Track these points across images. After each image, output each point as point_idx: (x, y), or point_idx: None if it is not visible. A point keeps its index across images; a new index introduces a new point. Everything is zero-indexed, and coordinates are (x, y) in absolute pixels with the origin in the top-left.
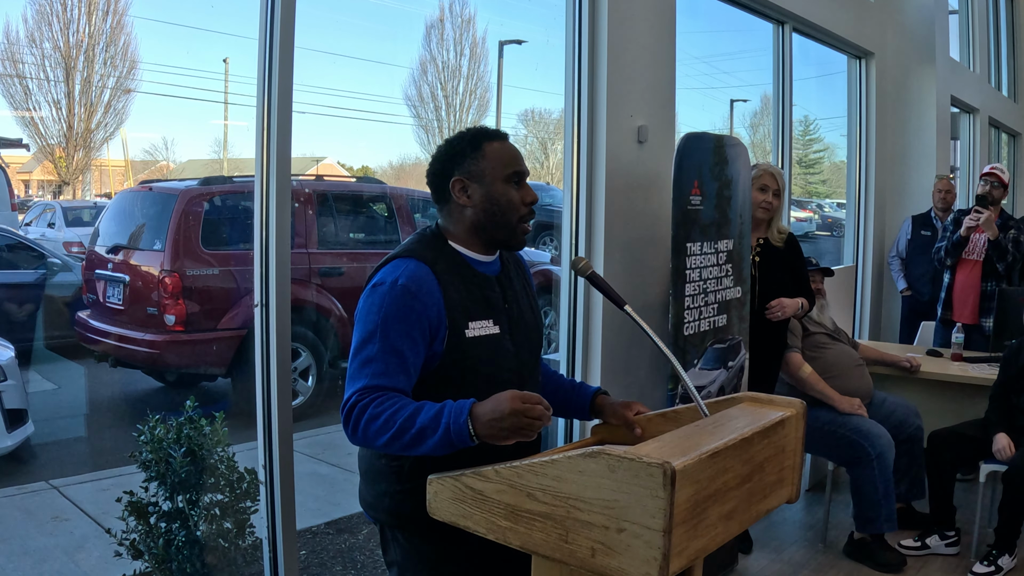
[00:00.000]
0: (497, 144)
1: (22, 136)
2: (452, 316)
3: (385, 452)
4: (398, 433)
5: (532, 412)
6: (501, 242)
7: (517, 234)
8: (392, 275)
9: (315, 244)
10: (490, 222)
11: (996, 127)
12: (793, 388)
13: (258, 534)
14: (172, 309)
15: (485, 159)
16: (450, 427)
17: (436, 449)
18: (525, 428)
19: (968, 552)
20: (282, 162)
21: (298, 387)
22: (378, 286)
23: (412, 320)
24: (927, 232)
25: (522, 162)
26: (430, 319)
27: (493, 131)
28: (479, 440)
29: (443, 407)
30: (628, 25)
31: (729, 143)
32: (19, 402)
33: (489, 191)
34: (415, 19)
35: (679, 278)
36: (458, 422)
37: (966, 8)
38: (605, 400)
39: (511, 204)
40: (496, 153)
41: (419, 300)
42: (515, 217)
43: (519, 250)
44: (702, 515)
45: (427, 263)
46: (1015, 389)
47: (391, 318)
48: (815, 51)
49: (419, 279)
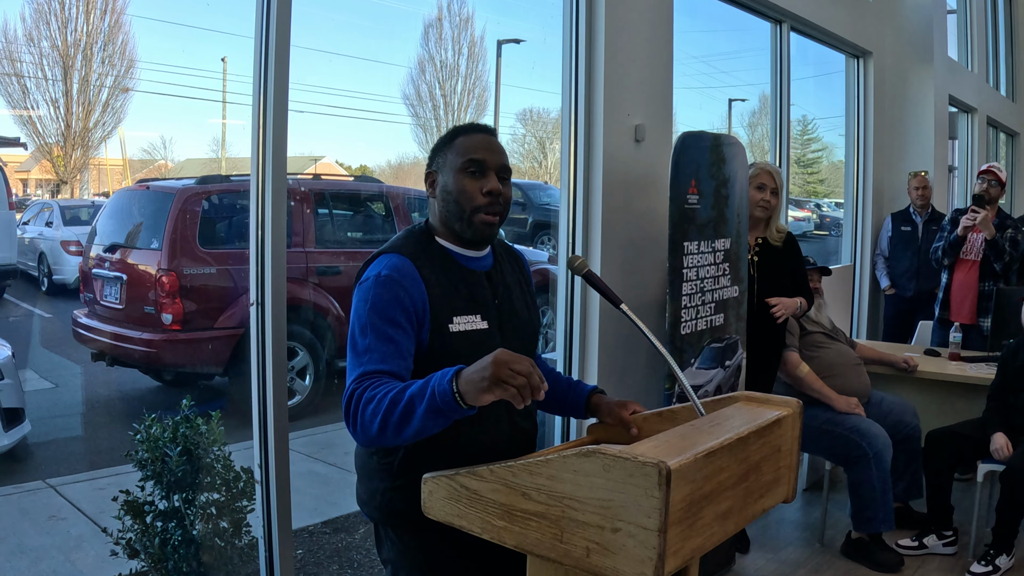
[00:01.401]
0: (466, 136)
1: (20, 135)
2: (435, 309)
3: (380, 441)
4: (389, 408)
5: (516, 365)
6: (461, 234)
7: (473, 226)
8: (375, 269)
9: (313, 243)
10: (448, 214)
11: (994, 127)
12: (791, 387)
13: (254, 533)
14: (169, 308)
15: (451, 151)
16: (435, 390)
17: (425, 421)
18: (507, 380)
19: (965, 552)
20: (278, 161)
21: (295, 386)
22: (364, 282)
23: (399, 307)
24: (907, 228)
25: (486, 152)
26: (416, 307)
27: (475, 125)
28: (462, 398)
29: (432, 375)
30: (626, 24)
31: (727, 142)
32: (16, 401)
33: (446, 181)
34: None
35: (676, 277)
36: (442, 383)
37: (964, 7)
38: (601, 399)
39: (463, 193)
40: (460, 144)
41: (403, 287)
42: (469, 207)
43: (483, 245)
44: (698, 515)
45: (409, 257)
46: (1013, 389)
47: (378, 308)
48: (813, 50)
49: (401, 270)
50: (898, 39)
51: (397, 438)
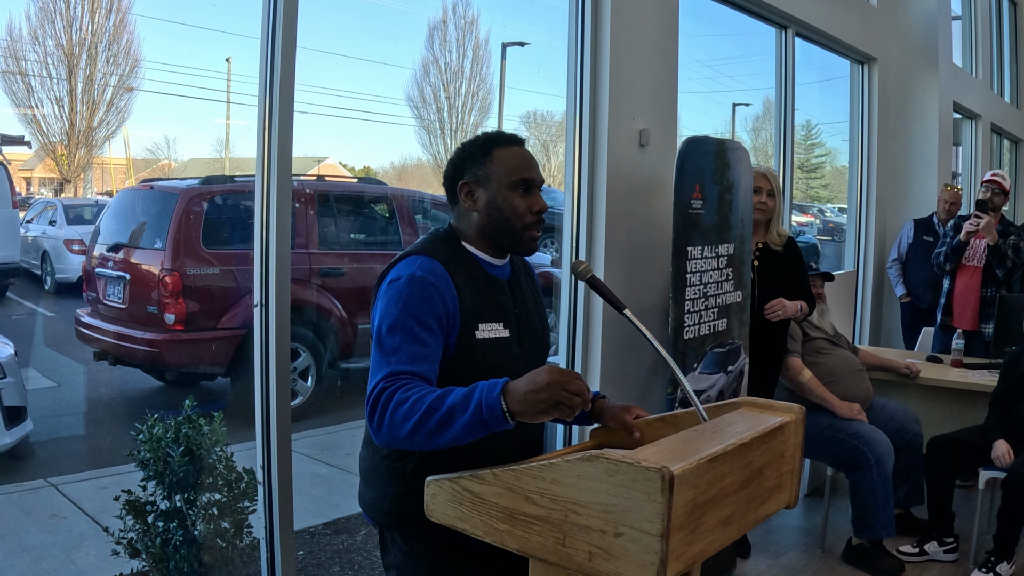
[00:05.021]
0: (507, 150)
1: (24, 133)
2: (464, 315)
3: (407, 444)
4: (425, 415)
5: (572, 386)
6: (508, 248)
7: (523, 242)
8: (408, 270)
9: (316, 244)
10: (494, 228)
11: (998, 133)
12: (793, 393)
13: (256, 534)
14: (172, 308)
15: (493, 164)
16: (482, 403)
17: (465, 431)
18: (564, 403)
19: (966, 559)
20: (283, 162)
21: (297, 387)
22: (395, 282)
23: (430, 310)
24: (929, 238)
25: (532, 170)
26: (447, 310)
27: (509, 136)
28: (513, 417)
29: (475, 386)
30: (630, 28)
31: (731, 147)
32: (18, 399)
33: (494, 197)
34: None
35: (679, 282)
36: (491, 397)
37: (969, 14)
38: (604, 404)
39: (515, 212)
40: (504, 159)
41: (436, 289)
42: (519, 225)
43: (528, 256)
44: (700, 520)
45: (440, 261)
46: (1015, 396)
47: (410, 308)
48: (818, 56)
49: (434, 272)
50: (903, 45)
51: (427, 444)
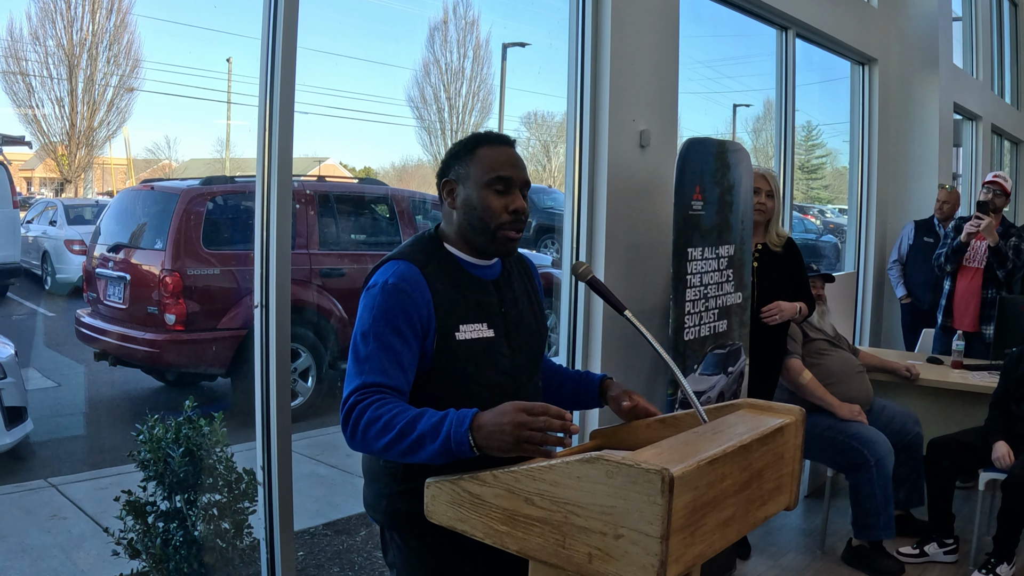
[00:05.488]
0: (491, 148)
1: (24, 133)
2: (441, 318)
3: (383, 457)
4: (397, 437)
5: (534, 424)
6: (482, 248)
7: (497, 242)
8: (383, 277)
9: (316, 245)
10: (469, 227)
11: (999, 134)
12: (793, 394)
13: (256, 535)
14: (172, 308)
15: (474, 162)
16: (451, 436)
17: (434, 458)
18: (528, 442)
19: (966, 560)
20: (283, 162)
21: (298, 388)
22: (371, 288)
23: (403, 318)
24: (930, 239)
25: (512, 168)
26: (420, 317)
27: (497, 135)
28: (481, 451)
29: (446, 414)
30: (631, 29)
31: (731, 148)
32: (18, 400)
33: (470, 195)
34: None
35: (680, 283)
36: (459, 431)
37: (969, 15)
38: (610, 384)
39: (488, 210)
40: (485, 157)
41: (409, 297)
42: (493, 224)
43: (505, 257)
44: (700, 522)
45: (417, 264)
46: (1015, 397)
47: (383, 317)
48: (818, 57)
49: (408, 279)
50: (903, 46)
51: (401, 460)
